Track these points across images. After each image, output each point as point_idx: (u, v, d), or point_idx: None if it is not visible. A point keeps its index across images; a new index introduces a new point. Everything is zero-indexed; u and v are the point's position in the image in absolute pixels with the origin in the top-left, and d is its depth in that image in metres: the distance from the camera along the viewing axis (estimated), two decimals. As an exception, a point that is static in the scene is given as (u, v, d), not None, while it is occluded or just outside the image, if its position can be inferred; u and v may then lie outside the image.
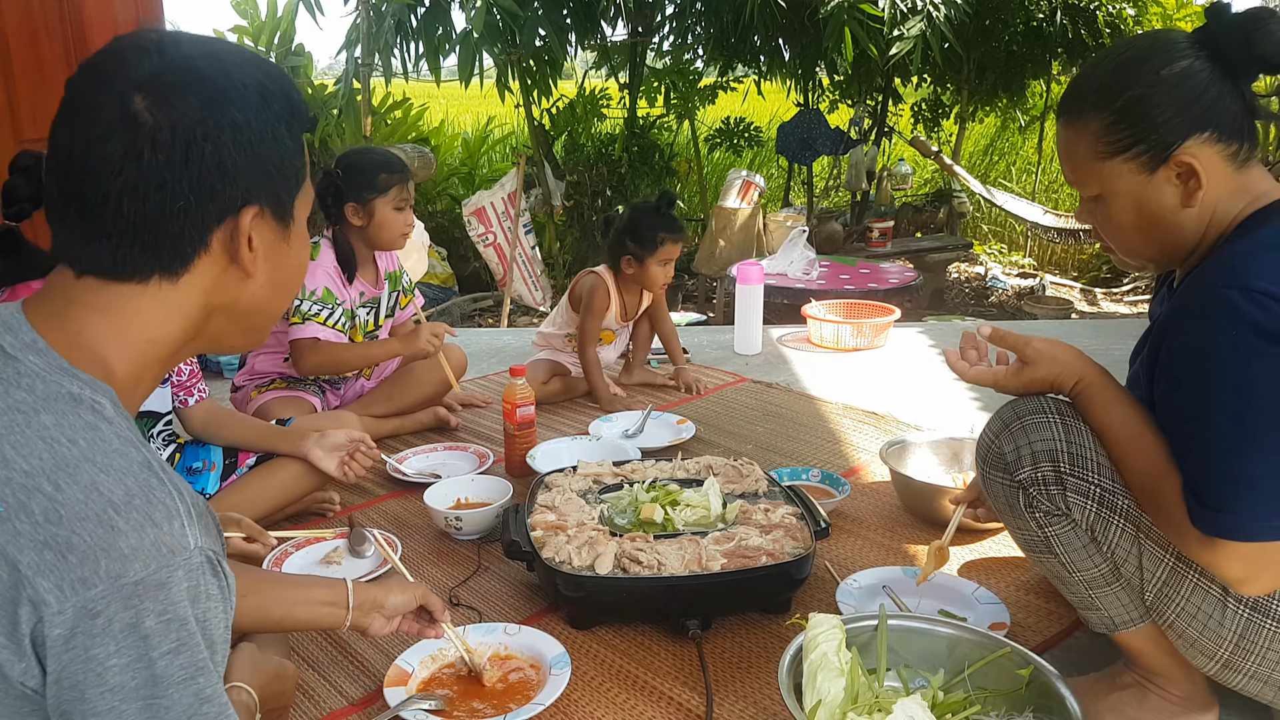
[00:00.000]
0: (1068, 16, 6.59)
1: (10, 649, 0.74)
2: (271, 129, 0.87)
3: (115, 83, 0.82)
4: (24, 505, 0.74)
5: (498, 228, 6.13)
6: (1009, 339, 1.40)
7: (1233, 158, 1.24)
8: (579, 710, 1.52)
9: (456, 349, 2.80)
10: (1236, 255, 1.20)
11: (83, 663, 0.74)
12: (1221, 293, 1.15)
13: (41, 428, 0.78)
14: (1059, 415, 1.37)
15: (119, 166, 0.81)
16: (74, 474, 0.76)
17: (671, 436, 2.61)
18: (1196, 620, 1.31)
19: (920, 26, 5.58)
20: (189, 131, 0.82)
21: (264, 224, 0.89)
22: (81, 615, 0.73)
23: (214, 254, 0.87)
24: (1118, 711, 1.44)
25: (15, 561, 0.73)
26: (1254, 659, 1.28)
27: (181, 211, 0.83)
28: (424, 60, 6.02)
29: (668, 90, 7.23)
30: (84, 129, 0.82)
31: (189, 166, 0.82)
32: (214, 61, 0.86)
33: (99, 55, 0.85)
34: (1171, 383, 1.23)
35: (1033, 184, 8.49)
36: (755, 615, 1.75)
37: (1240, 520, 1.14)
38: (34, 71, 3.18)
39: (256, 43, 6.68)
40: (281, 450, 2.07)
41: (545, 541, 1.75)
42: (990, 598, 1.74)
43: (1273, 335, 1.12)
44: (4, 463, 0.76)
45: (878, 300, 3.91)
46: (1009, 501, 1.42)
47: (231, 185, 0.85)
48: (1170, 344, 1.23)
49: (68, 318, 0.84)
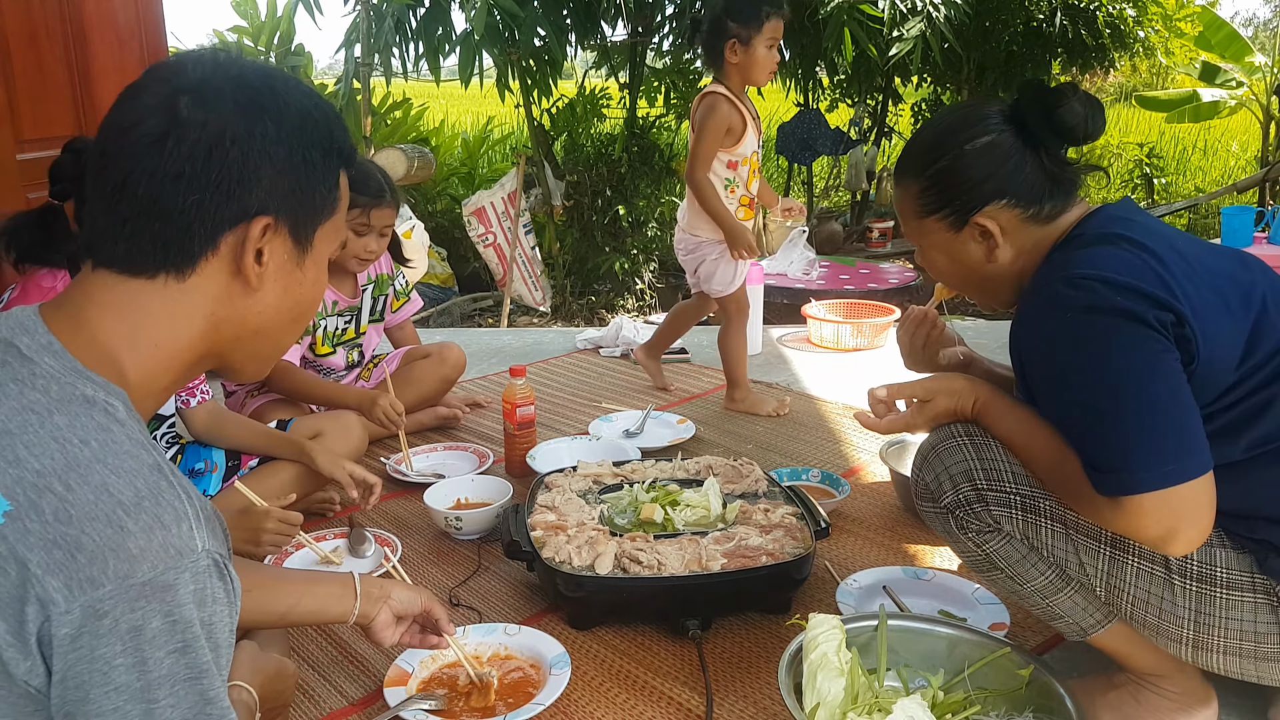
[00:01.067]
0: (1068, 17, 6.59)
1: (16, 647, 0.74)
2: (304, 151, 0.89)
3: (166, 82, 0.85)
4: (35, 504, 0.75)
5: (498, 228, 6.13)
6: (904, 389, 1.54)
7: (1033, 218, 1.38)
8: (579, 710, 1.52)
9: (456, 348, 2.80)
10: (1046, 265, 1.34)
11: (88, 662, 0.74)
12: (1045, 291, 1.28)
13: (55, 428, 0.78)
14: (968, 437, 1.45)
15: (144, 152, 0.83)
16: (85, 475, 0.77)
17: (671, 436, 2.61)
18: (1150, 605, 1.32)
19: (920, 27, 5.58)
20: (218, 132, 0.84)
21: (278, 241, 0.89)
22: (89, 615, 0.73)
23: (223, 259, 0.87)
24: (1116, 710, 1.45)
25: (25, 560, 0.73)
26: (1218, 633, 1.29)
27: (194, 206, 0.84)
28: (424, 60, 6.02)
29: (668, 90, 7.23)
30: (124, 116, 0.84)
31: (210, 163, 0.83)
32: (263, 79, 0.89)
33: (162, 60, 0.90)
34: (1036, 382, 1.32)
35: (1033, 184, 8.48)
36: (755, 615, 1.75)
37: (1133, 474, 1.19)
38: (34, 72, 3.17)
39: (256, 43, 6.69)
40: (283, 453, 2.07)
41: (545, 541, 1.75)
42: (990, 598, 1.74)
43: (1098, 308, 1.21)
44: (17, 462, 0.76)
45: (878, 300, 3.91)
46: (944, 527, 1.48)
47: (249, 193, 0.86)
48: (1022, 351, 1.34)
49: (83, 319, 0.85)
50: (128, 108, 0.85)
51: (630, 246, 6.70)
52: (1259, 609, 1.26)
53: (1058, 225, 1.38)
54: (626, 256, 6.66)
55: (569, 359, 3.54)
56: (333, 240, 0.96)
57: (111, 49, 3.48)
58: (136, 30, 3.59)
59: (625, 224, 6.63)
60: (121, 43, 3.53)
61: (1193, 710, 1.43)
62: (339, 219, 0.96)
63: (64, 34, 3.29)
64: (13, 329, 0.84)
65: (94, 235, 0.86)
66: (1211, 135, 9.96)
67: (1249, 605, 1.27)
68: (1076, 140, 1.39)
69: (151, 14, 3.64)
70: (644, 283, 6.88)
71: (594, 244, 6.68)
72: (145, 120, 0.83)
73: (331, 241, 0.96)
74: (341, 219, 0.97)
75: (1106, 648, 1.44)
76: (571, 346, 3.69)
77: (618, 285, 6.78)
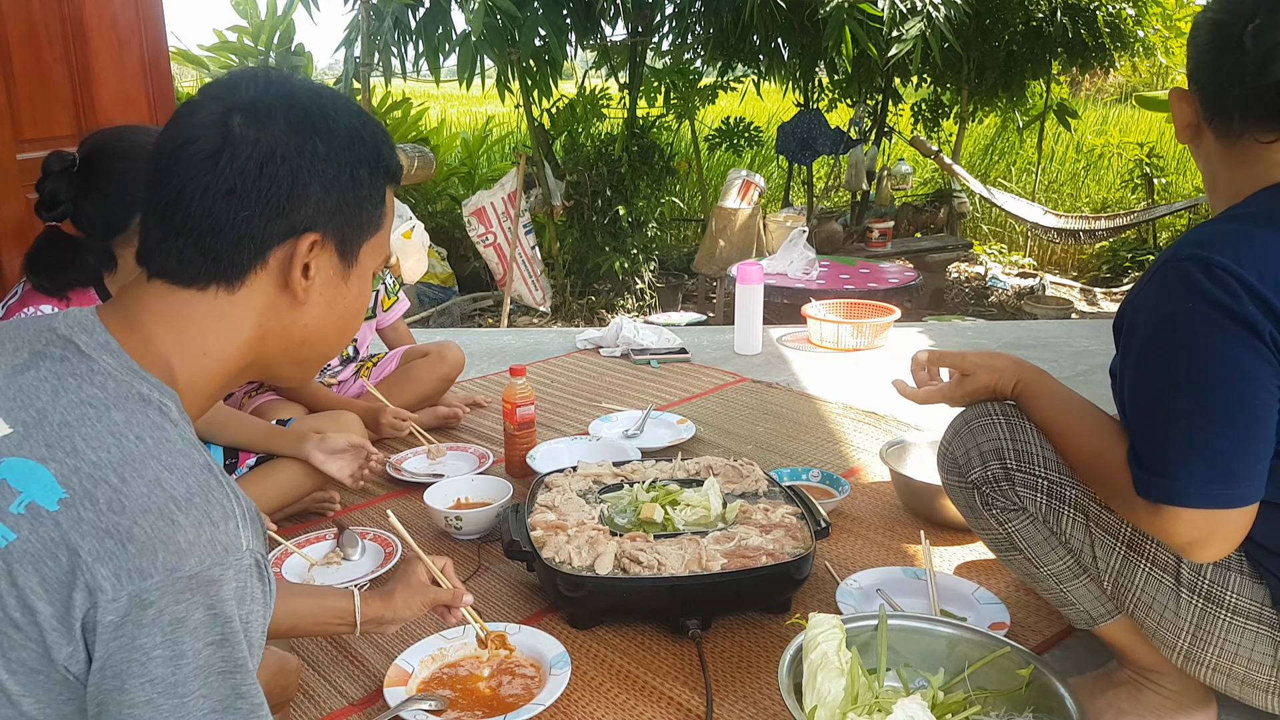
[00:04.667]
0: (1068, 16, 6.59)
1: (60, 632, 0.76)
2: (352, 169, 0.91)
3: (219, 100, 0.88)
4: (89, 494, 0.77)
5: (498, 228, 6.13)
6: (947, 357, 1.54)
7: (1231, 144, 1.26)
8: (579, 710, 1.52)
9: (455, 347, 2.80)
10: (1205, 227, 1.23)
11: (128, 651, 0.75)
12: (1181, 265, 1.17)
13: (111, 423, 0.81)
14: (1003, 416, 1.44)
15: (198, 169, 0.86)
16: (139, 469, 0.79)
17: (671, 436, 2.61)
18: (1153, 611, 1.32)
19: (920, 26, 5.58)
20: (270, 150, 0.87)
21: (325, 256, 0.92)
22: (134, 604, 0.75)
23: (271, 273, 0.90)
24: (1115, 708, 1.45)
25: (76, 547, 0.75)
26: (1213, 650, 1.28)
27: (245, 222, 0.87)
28: (423, 60, 6.02)
29: (668, 90, 7.23)
30: (179, 133, 0.88)
31: (260, 181, 0.87)
32: (314, 98, 0.91)
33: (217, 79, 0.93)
34: (1132, 352, 1.24)
35: (1033, 184, 8.49)
36: (755, 615, 1.75)
37: (1181, 485, 1.15)
38: (34, 71, 3.17)
39: (256, 42, 6.69)
40: (283, 451, 2.07)
41: (545, 541, 1.75)
42: (990, 598, 1.74)
43: (1229, 311, 1.13)
44: (74, 453, 0.79)
45: (878, 300, 3.91)
46: (968, 503, 1.48)
47: (298, 209, 0.89)
48: (1133, 315, 1.24)
49: (138, 323, 0.88)
50: (183, 125, 0.88)
51: (630, 246, 6.70)
52: (1259, 639, 1.26)
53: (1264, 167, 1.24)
54: (626, 256, 6.67)
55: (569, 359, 3.54)
56: (377, 256, 0.98)
57: (111, 49, 3.48)
58: (136, 30, 3.58)
59: (625, 224, 6.63)
60: (121, 43, 3.52)
61: (1191, 710, 1.43)
62: (384, 235, 0.98)
63: (64, 34, 3.29)
64: (71, 327, 0.87)
65: (148, 246, 0.89)
66: (1211, 135, 9.95)
67: (1250, 633, 1.26)
68: None
69: (151, 14, 3.64)
70: (644, 283, 6.88)
71: (594, 244, 6.68)
72: (199, 137, 0.86)
73: (376, 257, 0.98)
74: (386, 235, 0.99)
75: (1111, 639, 1.44)
76: (571, 346, 3.69)
77: (618, 285, 6.78)
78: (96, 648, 0.76)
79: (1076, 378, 3.18)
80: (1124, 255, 7.79)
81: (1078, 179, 9.63)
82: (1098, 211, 8.20)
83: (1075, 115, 8.17)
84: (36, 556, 0.76)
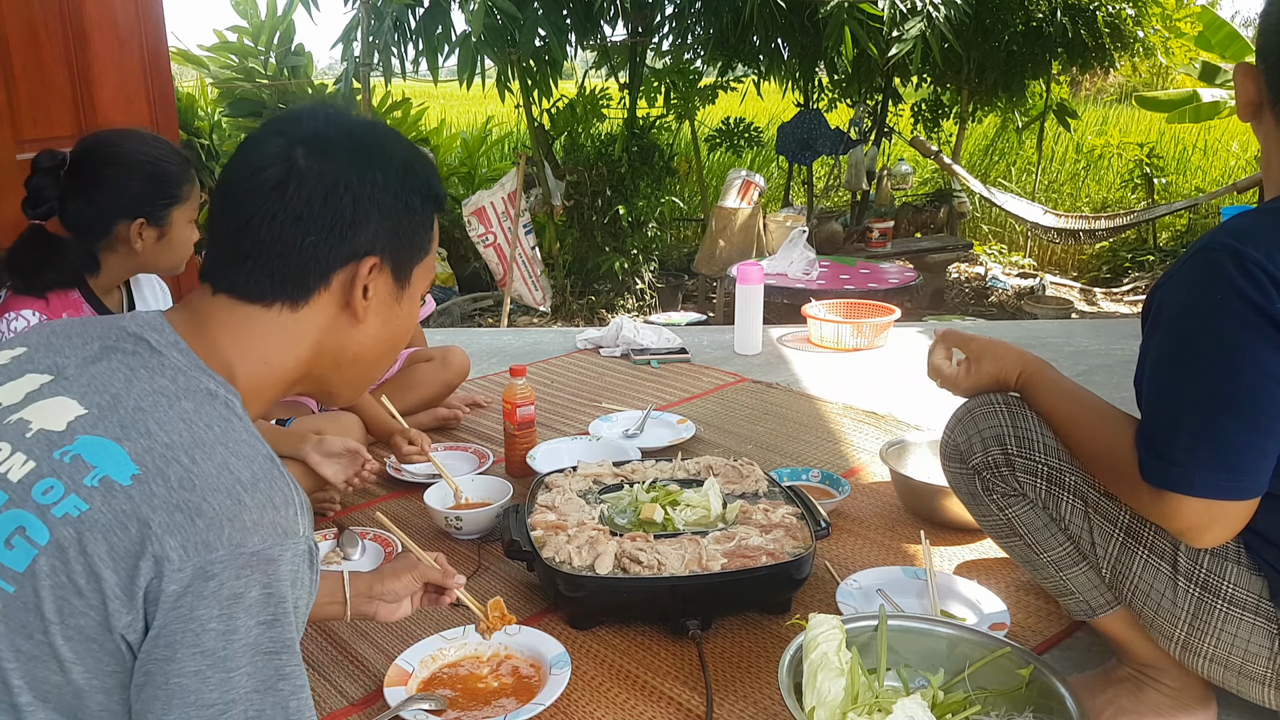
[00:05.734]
0: (1068, 16, 6.59)
1: (122, 600, 0.80)
2: (406, 198, 0.99)
3: (283, 133, 0.96)
4: (161, 471, 0.82)
5: (498, 228, 6.13)
6: (955, 337, 1.57)
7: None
8: (579, 710, 1.52)
9: (460, 352, 2.81)
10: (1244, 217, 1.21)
11: (185, 621, 0.79)
12: (1214, 255, 1.16)
13: (182, 411, 0.86)
14: (1005, 404, 1.46)
15: (266, 197, 0.93)
16: (209, 452, 0.84)
17: (671, 436, 2.61)
18: (1150, 599, 1.32)
19: (920, 27, 5.57)
20: (333, 181, 0.94)
21: (382, 278, 0.99)
22: (198, 575, 0.79)
23: (333, 294, 0.97)
24: (1114, 705, 1.45)
25: (147, 520, 0.80)
26: (1209, 641, 1.29)
27: (311, 246, 0.94)
28: (423, 60, 6.01)
29: (668, 90, 7.23)
30: (247, 163, 0.95)
31: (326, 209, 0.94)
32: (371, 132, 1.00)
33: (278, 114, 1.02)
34: (1156, 336, 1.24)
35: (1033, 184, 8.49)
36: (755, 615, 1.75)
37: (1187, 473, 1.16)
38: (34, 71, 3.17)
39: (256, 43, 6.69)
40: (281, 451, 2.06)
41: (545, 541, 1.75)
42: (990, 598, 1.74)
43: (1255, 305, 1.12)
44: (147, 434, 0.84)
45: (878, 300, 3.91)
46: (969, 489, 1.49)
47: (359, 234, 0.96)
48: (1161, 299, 1.24)
49: (205, 330, 0.95)
50: (250, 157, 0.95)
51: (630, 246, 6.70)
52: (1255, 630, 1.26)
53: None
54: (626, 256, 6.66)
55: (569, 359, 3.54)
56: (426, 278, 1.06)
57: (111, 49, 3.48)
58: (136, 30, 3.59)
59: (625, 224, 6.63)
60: (121, 43, 3.53)
61: (1191, 708, 1.43)
62: (431, 258, 1.06)
63: (64, 34, 3.29)
64: (141, 326, 0.93)
65: (215, 265, 0.96)
66: (1211, 135, 9.94)
67: (1247, 624, 1.26)
68: None
69: (151, 14, 3.64)
70: (644, 283, 6.88)
71: (594, 244, 6.68)
72: (267, 168, 0.93)
73: (425, 279, 1.06)
74: (433, 258, 1.06)
75: (1110, 632, 1.45)
76: (571, 346, 3.69)
77: (618, 285, 6.78)
78: (156, 617, 0.79)
79: (1076, 377, 3.14)
80: (1124, 255, 7.79)
81: (1078, 179, 9.64)
82: (1098, 211, 8.20)
83: (1075, 115, 8.18)
84: (107, 526, 0.80)
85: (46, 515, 0.81)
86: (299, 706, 0.84)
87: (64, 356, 0.91)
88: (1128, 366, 1.51)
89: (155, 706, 0.80)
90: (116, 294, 1.98)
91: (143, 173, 1.82)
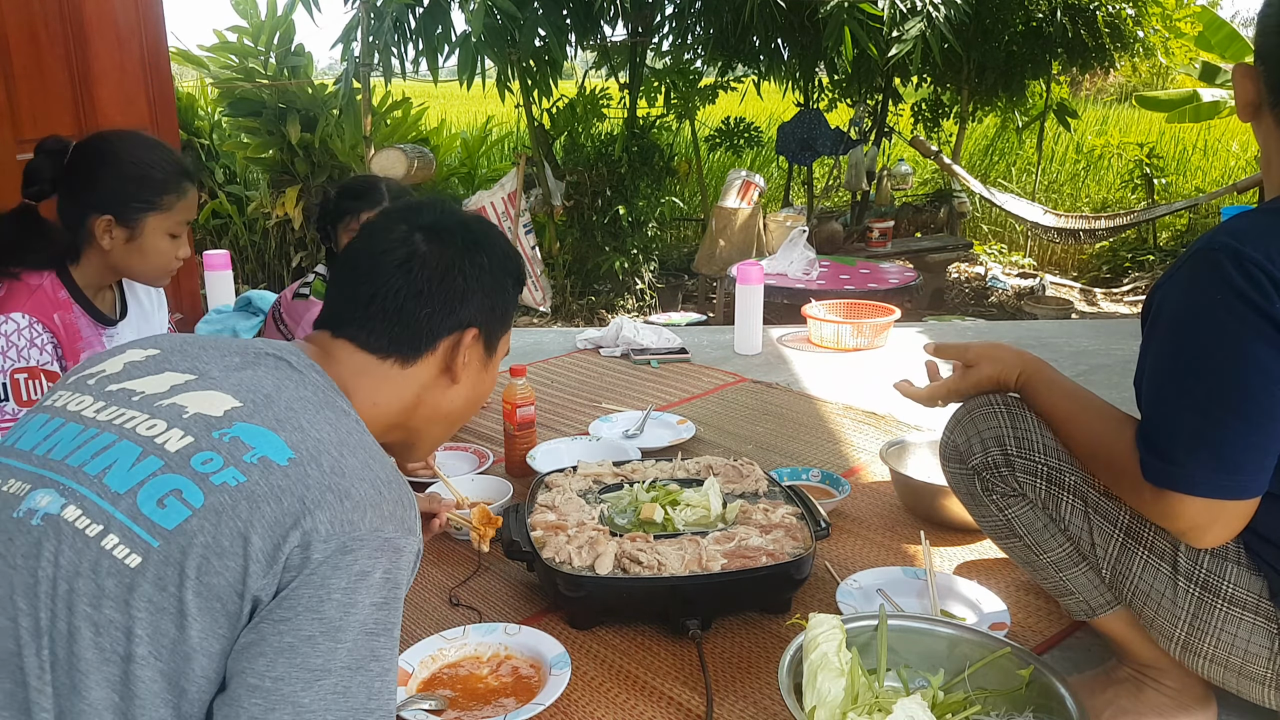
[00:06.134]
0: (1067, 16, 6.59)
1: (263, 564, 0.87)
2: (502, 279, 1.19)
3: (405, 220, 1.15)
4: (315, 458, 0.92)
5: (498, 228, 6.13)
6: (949, 349, 1.57)
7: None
8: (579, 710, 1.52)
9: None
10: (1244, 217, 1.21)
11: (314, 588, 0.88)
12: (1214, 255, 1.16)
13: (326, 417, 0.98)
14: (1005, 405, 1.46)
15: (393, 274, 1.11)
16: (353, 450, 0.96)
17: (671, 436, 2.61)
18: (1150, 599, 1.32)
19: (920, 27, 5.57)
20: (449, 264, 1.13)
21: (477, 347, 1.17)
22: (340, 549, 0.89)
23: (437, 357, 1.14)
24: (1114, 706, 1.45)
25: (302, 495, 0.90)
26: (1209, 641, 1.29)
27: (426, 317, 1.12)
28: (422, 59, 6.01)
29: (668, 90, 7.22)
30: (375, 244, 1.13)
31: (441, 287, 1.12)
32: (477, 224, 1.20)
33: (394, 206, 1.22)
34: (1155, 336, 1.23)
35: (1033, 184, 8.49)
36: (755, 615, 1.75)
37: (1188, 473, 1.16)
38: (34, 72, 3.17)
39: (256, 43, 6.68)
40: None
41: (545, 541, 1.75)
42: (990, 598, 1.74)
43: (1255, 305, 1.12)
44: (299, 429, 0.95)
45: (878, 300, 3.91)
46: (968, 489, 1.49)
47: (466, 309, 1.14)
48: (1161, 299, 1.23)
49: (330, 363, 1.10)
50: (378, 240, 1.13)
51: (630, 246, 6.70)
52: (1255, 630, 1.26)
53: None
54: (626, 256, 6.66)
55: (569, 359, 3.54)
56: (506, 348, 1.25)
57: (111, 49, 3.48)
58: (136, 30, 3.59)
59: (625, 224, 6.63)
60: (121, 43, 3.53)
61: (1191, 708, 1.43)
62: (510, 332, 1.24)
63: (64, 34, 3.30)
64: (278, 349, 1.06)
65: (337, 318, 1.13)
66: (1211, 135, 9.95)
67: (1247, 624, 1.26)
68: None
69: (151, 14, 3.64)
70: (644, 283, 6.88)
71: (594, 244, 6.67)
72: (392, 250, 1.12)
73: (505, 349, 1.25)
74: (510, 332, 1.24)
75: (1110, 632, 1.44)
76: (571, 346, 3.69)
77: (618, 285, 6.78)
78: (293, 582, 0.87)
79: (1076, 377, 3.15)
80: (1124, 255, 7.79)
81: (1078, 179, 9.64)
82: (1098, 211, 8.20)
83: (1075, 115, 8.17)
84: (263, 497, 0.89)
85: (205, 482, 0.89)
86: (381, 689, 0.91)
87: (203, 363, 1.02)
88: (1128, 366, 1.51)
89: (259, 663, 0.86)
90: (109, 295, 1.97)
91: (123, 172, 1.81)
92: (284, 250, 6.94)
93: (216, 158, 7.20)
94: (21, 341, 1.75)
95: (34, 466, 0.95)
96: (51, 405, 1.02)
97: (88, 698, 0.84)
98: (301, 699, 0.86)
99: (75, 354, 1.85)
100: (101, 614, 0.86)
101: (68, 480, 0.92)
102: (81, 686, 0.84)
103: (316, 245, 6.61)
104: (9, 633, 0.86)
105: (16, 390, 1.74)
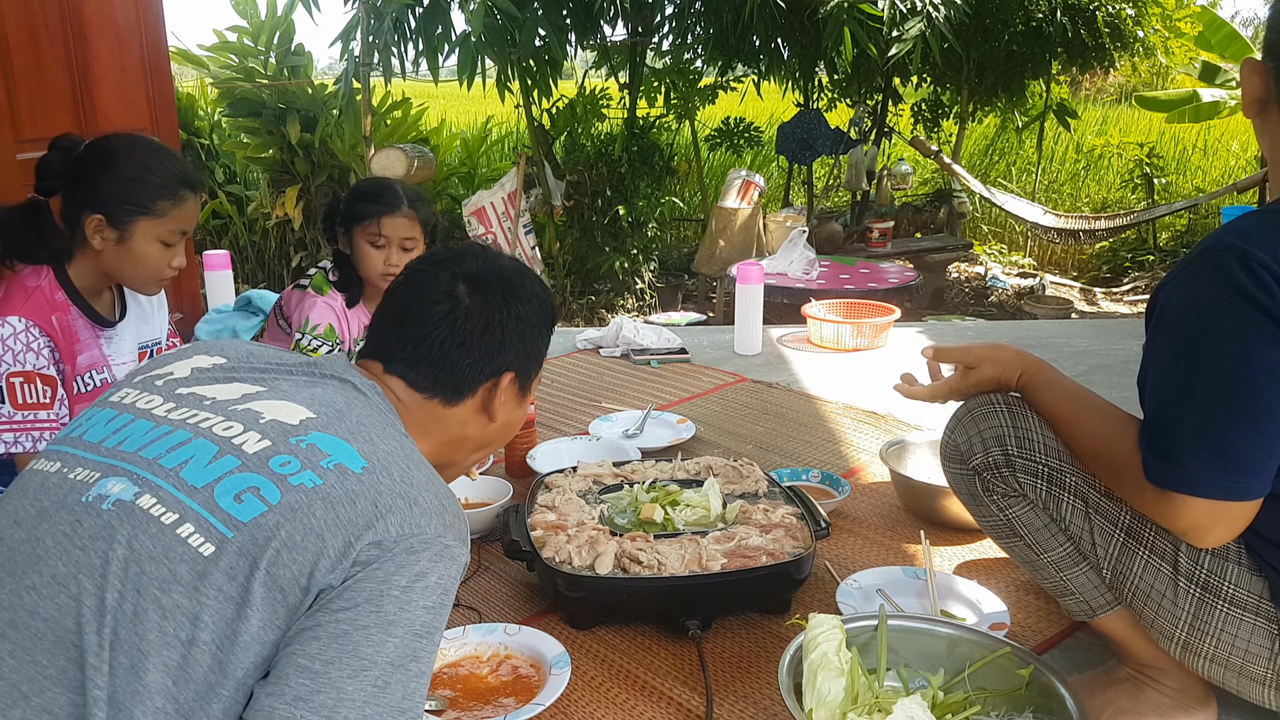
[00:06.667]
0: (1067, 16, 6.58)
1: (334, 560, 0.91)
2: (537, 327, 1.25)
3: (449, 269, 1.21)
4: (386, 468, 0.98)
5: (498, 228, 6.13)
6: (950, 352, 1.57)
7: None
8: (579, 710, 1.52)
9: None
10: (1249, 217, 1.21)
11: (377, 582, 0.92)
12: (1219, 255, 1.15)
13: (392, 434, 1.04)
14: (1005, 405, 1.46)
15: (439, 323, 1.17)
16: (418, 465, 1.02)
17: (671, 436, 2.61)
18: (1151, 600, 1.32)
19: (920, 27, 5.57)
20: (491, 314, 1.19)
21: (512, 388, 1.23)
22: (406, 549, 0.94)
23: (478, 399, 1.20)
24: (1114, 705, 1.45)
25: (375, 500, 0.95)
26: (1210, 641, 1.29)
27: (469, 364, 1.18)
28: (422, 59, 6.01)
29: (668, 90, 7.22)
30: (421, 292, 1.19)
31: (484, 337, 1.18)
32: (518, 275, 1.25)
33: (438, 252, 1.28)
34: (1159, 336, 1.23)
35: (1033, 184, 8.49)
36: (755, 615, 1.75)
37: (1191, 473, 1.16)
38: (34, 72, 3.17)
39: (256, 43, 6.68)
40: None
41: (545, 541, 1.75)
42: (990, 598, 1.74)
43: (1260, 306, 1.12)
44: (370, 441, 1.01)
45: (878, 300, 3.91)
46: (969, 489, 1.49)
47: (505, 355, 1.21)
48: (1165, 299, 1.23)
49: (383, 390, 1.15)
50: (426, 290, 1.19)
51: (630, 246, 6.70)
52: (1256, 631, 1.26)
53: None
54: (626, 256, 6.66)
55: (569, 359, 3.54)
56: (538, 384, 1.32)
57: (111, 49, 3.48)
58: (136, 30, 3.59)
59: (625, 224, 6.63)
60: (121, 43, 3.53)
61: (1192, 708, 1.43)
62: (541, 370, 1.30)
63: (64, 34, 3.30)
64: (339, 370, 1.12)
65: (389, 354, 1.18)
66: (1211, 135, 9.95)
67: (1247, 625, 1.26)
68: None
69: (151, 14, 3.64)
70: (644, 283, 6.88)
71: (594, 244, 6.67)
72: (440, 302, 1.18)
73: (538, 385, 1.32)
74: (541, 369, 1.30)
75: (1110, 632, 1.44)
76: (571, 346, 3.69)
77: (618, 285, 6.78)
78: (356, 575, 0.91)
79: (1076, 377, 3.15)
80: (1124, 255, 7.79)
81: (1078, 179, 9.63)
82: (1098, 211, 8.20)
83: (1075, 115, 8.17)
84: (339, 500, 0.93)
85: (283, 482, 0.94)
86: (416, 690, 0.93)
87: (271, 376, 1.08)
88: (1128, 366, 1.51)
89: (313, 646, 0.89)
90: (108, 296, 1.97)
91: (119, 173, 1.81)
92: (284, 250, 6.94)
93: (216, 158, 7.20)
94: (17, 346, 1.74)
95: (103, 457, 0.98)
96: (118, 402, 1.06)
97: (144, 679, 0.86)
98: (346, 686, 0.89)
99: (73, 356, 1.85)
100: (170, 598, 0.88)
101: (142, 470, 0.95)
102: (140, 667, 0.86)
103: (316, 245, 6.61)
104: (70, 611, 0.88)
105: (12, 394, 1.74)
